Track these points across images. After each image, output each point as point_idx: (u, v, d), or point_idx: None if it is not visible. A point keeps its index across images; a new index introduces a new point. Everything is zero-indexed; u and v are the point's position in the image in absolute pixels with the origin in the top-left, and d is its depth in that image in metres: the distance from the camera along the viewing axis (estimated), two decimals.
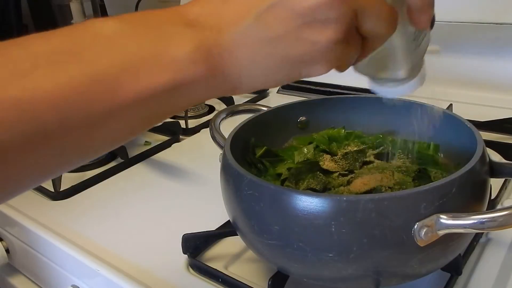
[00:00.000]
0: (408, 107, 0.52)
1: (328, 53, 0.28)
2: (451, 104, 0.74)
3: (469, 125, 0.45)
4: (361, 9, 0.28)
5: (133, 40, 0.27)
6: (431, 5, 0.31)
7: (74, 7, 1.34)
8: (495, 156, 0.61)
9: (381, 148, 0.53)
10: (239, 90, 0.30)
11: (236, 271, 0.49)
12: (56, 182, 0.65)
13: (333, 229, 0.35)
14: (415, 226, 0.34)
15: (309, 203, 0.35)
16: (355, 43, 0.29)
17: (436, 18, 0.32)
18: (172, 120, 0.82)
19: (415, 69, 0.34)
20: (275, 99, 0.94)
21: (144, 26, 0.28)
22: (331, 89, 0.87)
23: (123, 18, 0.28)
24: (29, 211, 0.62)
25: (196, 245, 0.50)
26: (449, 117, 0.48)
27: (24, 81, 0.24)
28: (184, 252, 0.50)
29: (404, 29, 0.31)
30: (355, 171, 0.50)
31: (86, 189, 0.67)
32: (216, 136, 0.52)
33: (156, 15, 0.29)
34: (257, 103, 0.84)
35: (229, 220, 0.45)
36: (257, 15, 0.28)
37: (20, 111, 0.23)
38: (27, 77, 0.24)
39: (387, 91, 0.35)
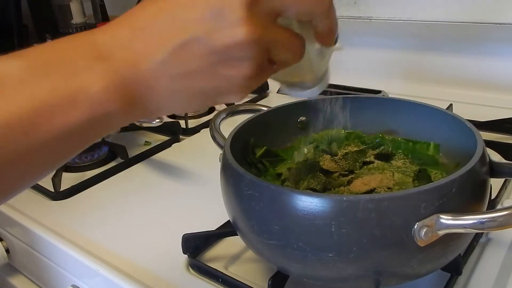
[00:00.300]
0: (408, 107, 0.52)
1: (242, 86, 0.30)
2: (451, 104, 0.74)
3: (469, 125, 0.45)
4: (272, 46, 0.29)
5: (45, 80, 0.27)
6: (336, 27, 0.32)
7: (74, 7, 1.34)
8: (495, 156, 0.61)
9: (381, 148, 0.53)
10: (159, 115, 0.31)
11: (236, 271, 0.49)
12: (56, 182, 0.65)
13: (333, 229, 0.35)
14: (415, 226, 0.34)
15: (309, 203, 0.35)
16: (266, 70, 0.31)
17: (437, 18, 0.33)
18: (172, 120, 0.82)
19: (320, 77, 0.37)
20: (275, 99, 0.94)
21: (54, 64, 0.27)
22: (331, 89, 0.87)
23: (30, 56, 0.28)
24: (29, 211, 0.62)
25: (196, 245, 0.50)
26: (449, 117, 0.48)
27: None
28: (184, 252, 0.50)
29: (311, 46, 0.33)
30: (355, 171, 0.50)
31: (86, 189, 0.68)
32: (216, 136, 0.52)
33: (66, 48, 0.28)
34: (257, 103, 0.84)
35: (229, 220, 0.45)
36: (172, 50, 0.28)
37: None
38: None
39: (294, 94, 0.39)
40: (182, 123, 0.82)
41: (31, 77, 0.27)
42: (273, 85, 0.95)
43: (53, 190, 0.65)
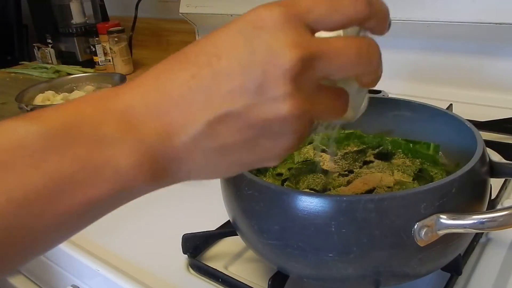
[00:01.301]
0: (408, 107, 0.52)
1: (281, 155, 0.28)
2: (451, 104, 0.74)
3: (469, 125, 0.45)
4: (317, 116, 0.27)
5: (66, 151, 0.24)
6: (380, 67, 0.29)
7: (74, 7, 1.34)
8: (495, 156, 0.61)
9: (381, 148, 0.53)
10: (187, 181, 0.29)
11: (236, 271, 0.49)
12: None
13: (333, 229, 0.35)
14: (415, 226, 0.34)
15: (309, 203, 0.35)
16: (307, 135, 0.28)
17: (437, 18, 0.32)
18: None
19: (358, 109, 0.36)
20: None
21: (76, 131, 0.24)
22: None
23: (49, 120, 0.25)
24: None
25: (196, 245, 0.50)
26: (449, 117, 0.48)
27: None
28: (184, 252, 0.50)
29: (351, 87, 0.31)
30: (355, 171, 0.50)
31: None
32: None
33: (90, 113, 0.25)
34: None
35: (229, 220, 0.45)
36: (208, 123, 0.25)
37: None
38: None
39: (328, 125, 0.37)
40: None
41: (50, 146, 0.24)
42: None
43: None
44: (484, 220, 0.33)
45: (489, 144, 0.62)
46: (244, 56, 0.25)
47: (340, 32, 0.29)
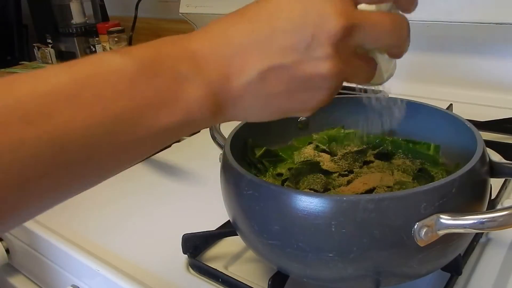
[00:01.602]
0: (408, 107, 0.52)
1: (314, 107, 0.33)
2: (451, 104, 0.74)
3: (469, 125, 0.45)
4: (349, 76, 0.33)
5: (152, 81, 0.29)
6: (407, 49, 0.35)
7: (74, 7, 1.34)
8: (495, 156, 0.61)
9: (381, 148, 0.53)
10: (233, 120, 0.34)
11: (236, 271, 0.49)
12: None
13: (333, 229, 0.35)
14: (415, 226, 0.34)
15: (309, 203, 0.35)
16: (337, 92, 0.33)
17: (437, 18, 0.34)
18: None
19: (388, 75, 0.40)
20: None
21: (159, 67, 0.30)
22: None
23: (139, 55, 0.30)
24: None
25: (196, 245, 0.50)
26: (449, 117, 0.48)
27: (54, 120, 0.26)
28: (184, 252, 0.50)
29: (381, 56, 0.36)
30: (355, 171, 0.50)
31: None
32: (216, 136, 0.52)
33: (169, 52, 0.30)
34: None
35: (229, 220, 0.45)
36: (260, 72, 0.30)
37: (52, 147, 0.26)
38: (56, 116, 0.26)
39: (362, 85, 0.41)
40: None
41: (138, 76, 0.29)
42: None
43: None
44: (484, 220, 0.33)
45: (489, 144, 0.62)
46: (298, 18, 0.30)
47: (374, 7, 0.33)
